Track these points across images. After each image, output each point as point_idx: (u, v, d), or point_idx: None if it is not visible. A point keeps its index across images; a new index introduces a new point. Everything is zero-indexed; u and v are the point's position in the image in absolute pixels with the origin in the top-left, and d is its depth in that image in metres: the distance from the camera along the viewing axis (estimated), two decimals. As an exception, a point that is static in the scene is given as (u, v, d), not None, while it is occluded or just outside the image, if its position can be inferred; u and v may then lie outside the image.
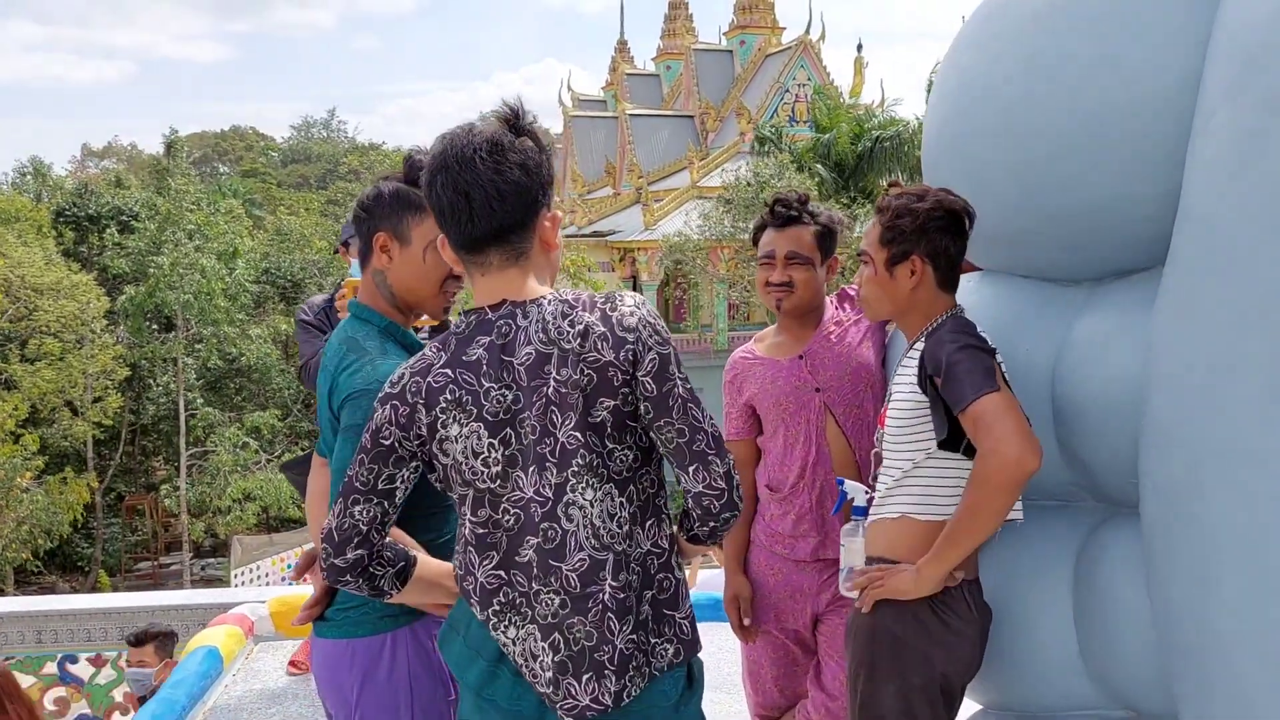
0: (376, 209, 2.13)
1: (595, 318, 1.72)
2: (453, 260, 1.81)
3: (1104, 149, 1.99)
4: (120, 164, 51.83)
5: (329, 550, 1.78)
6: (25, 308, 22.20)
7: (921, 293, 2.16)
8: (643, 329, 1.72)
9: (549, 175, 1.78)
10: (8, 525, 18.84)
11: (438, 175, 1.73)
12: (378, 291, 2.16)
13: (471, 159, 1.70)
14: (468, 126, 1.75)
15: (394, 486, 1.79)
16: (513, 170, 1.71)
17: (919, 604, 2.09)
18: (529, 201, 1.74)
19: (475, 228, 1.72)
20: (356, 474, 1.78)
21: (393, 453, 1.77)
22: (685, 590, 1.83)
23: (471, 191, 1.70)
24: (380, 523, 1.79)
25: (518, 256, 1.76)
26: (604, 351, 1.69)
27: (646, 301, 1.79)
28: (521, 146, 1.74)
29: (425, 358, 1.78)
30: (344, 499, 1.78)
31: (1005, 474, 1.93)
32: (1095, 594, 2.13)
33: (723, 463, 1.74)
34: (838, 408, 2.67)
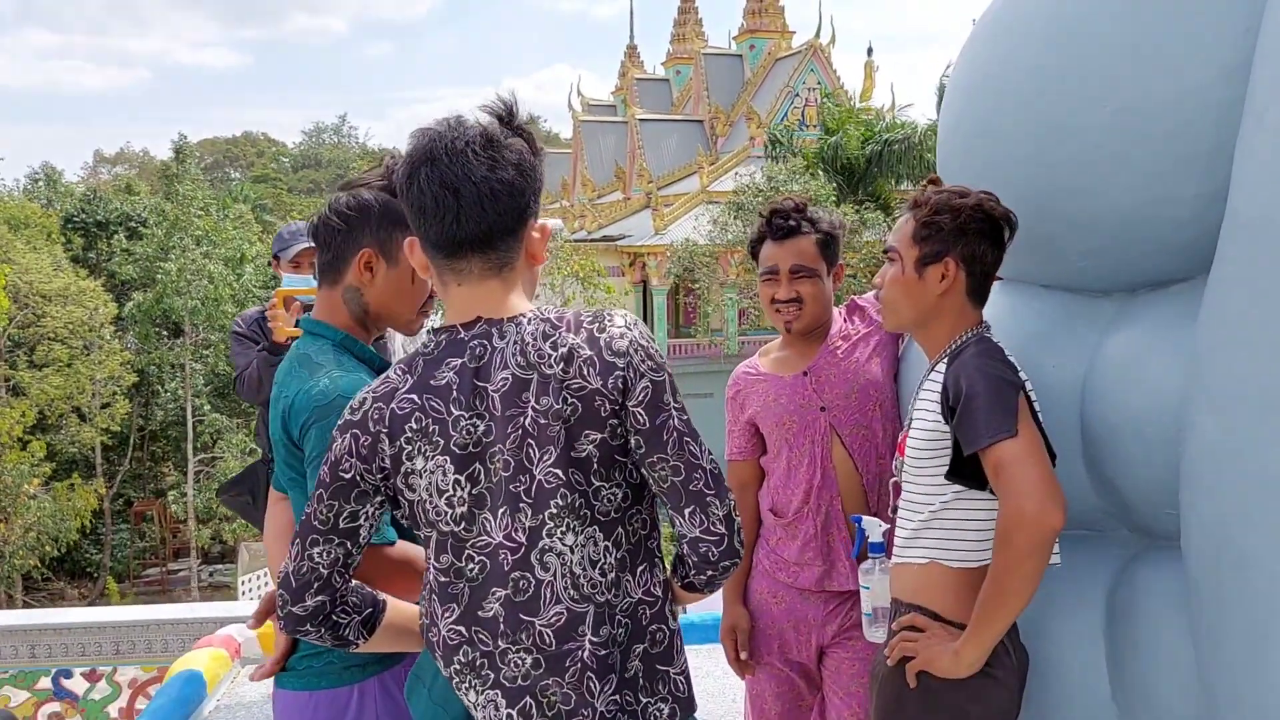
0: (363, 222, 1.93)
1: (581, 339, 1.53)
2: (422, 266, 1.62)
3: (1137, 147, 1.80)
4: (132, 170, 52.01)
5: (285, 597, 1.60)
6: (33, 314, 22.23)
7: (950, 300, 1.97)
8: (634, 353, 1.53)
9: (540, 180, 1.59)
10: (15, 532, 18.81)
11: (422, 168, 1.54)
12: (342, 308, 1.97)
13: (464, 152, 1.52)
14: (456, 118, 1.57)
15: (357, 524, 1.60)
16: (507, 169, 1.53)
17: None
18: (520, 205, 1.56)
19: (461, 229, 1.53)
20: (315, 511, 1.59)
21: (354, 487, 1.58)
22: (680, 642, 1.65)
23: (461, 187, 1.51)
24: (343, 565, 1.60)
25: (501, 267, 1.58)
26: (590, 378, 1.51)
27: (639, 321, 1.60)
28: (516, 145, 1.56)
29: (389, 380, 1.59)
30: (301, 540, 1.60)
31: (1026, 535, 1.74)
32: (1130, 636, 1.94)
33: (723, 505, 1.56)
34: (844, 428, 2.49)
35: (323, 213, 1.99)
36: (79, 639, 6.03)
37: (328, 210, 1.98)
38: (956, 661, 1.86)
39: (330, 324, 1.98)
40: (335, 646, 1.65)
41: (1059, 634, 2.06)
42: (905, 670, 1.93)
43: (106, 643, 6.04)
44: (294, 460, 1.86)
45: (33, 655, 5.99)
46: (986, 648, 1.85)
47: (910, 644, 1.93)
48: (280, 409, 1.90)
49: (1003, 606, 1.81)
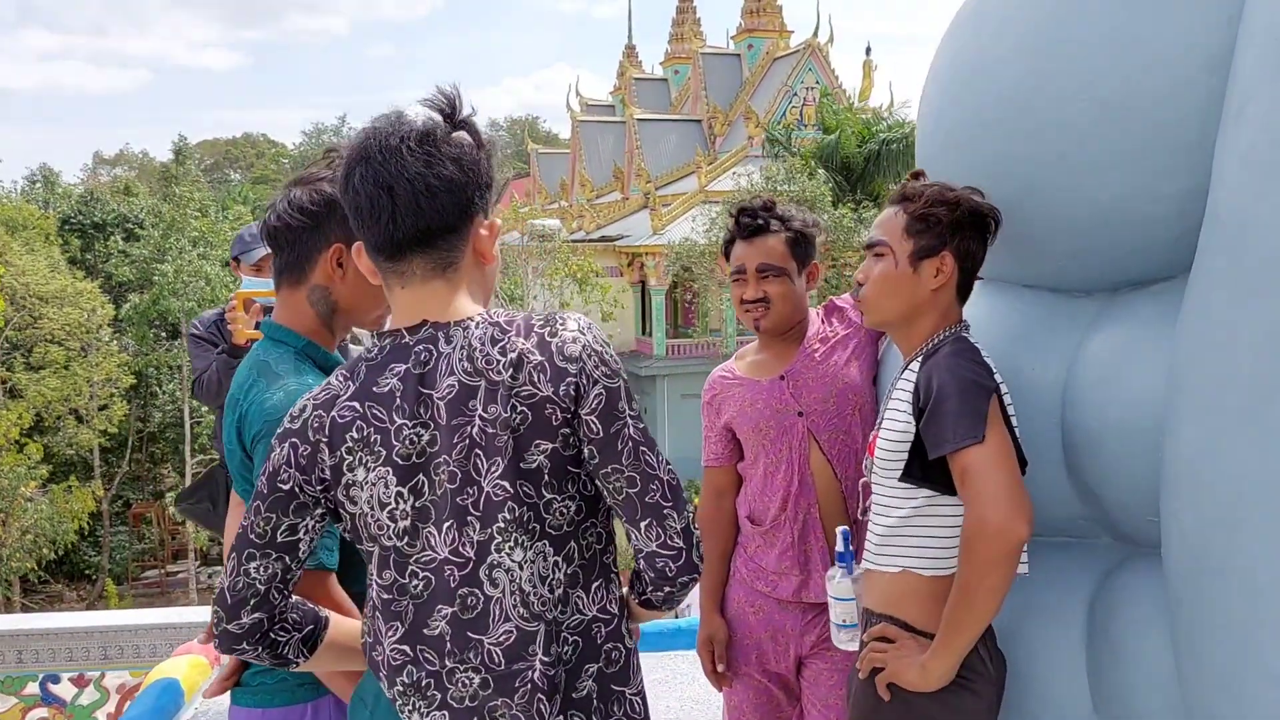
0: (328, 217, 1.86)
1: (531, 344, 1.46)
2: (370, 270, 1.55)
3: (1117, 141, 1.73)
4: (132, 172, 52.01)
5: (220, 614, 1.52)
6: (30, 315, 22.19)
7: (942, 297, 1.91)
8: (587, 359, 1.47)
9: (488, 176, 1.53)
10: (12, 535, 18.77)
11: (357, 167, 1.48)
12: (308, 308, 1.90)
13: (398, 149, 1.45)
14: (396, 115, 1.50)
15: (296, 538, 1.52)
16: (445, 164, 1.46)
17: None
18: (462, 201, 1.49)
19: (398, 228, 1.47)
20: (252, 524, 1.52)
21: (293, 499, 1.51)
22: (637, 661, 1.59)
23: (395, 185, 1.45)
24: (282, 580, 1.53)
25: (445, 266, 1.51)
26: (540, 385, 1.44)
27: (594, 325, 1.53)
28: (457, 140, 1.50)
29: (330, 387, 1.52)
30: (238, 554, 1.52)
31: (990, 545, 1.68)
32: (1111, 646, 1.87)
33: (680, 517, 1.50)
34: (822, 433, 2.42)
35: (280, 211, 1.90)
36: (66, 644, 5.97)
37: (286, 208, 1.90)
38: (924, 674, 1.80)
39: (292, 329, 1.91)
40: (274, 665, 1.59)
41: (1039, 643, 1.99)
42: (875, 681, 1.87)
43: (94, 647, 5.99)
44: (246, 471, 1.80)
45: (20, 660, 5.94)
46: (955, 660, 1.79)
47: (880, 655, 1.87)
48: (235, 416, 1.84)
49: (969, 618, 1.75)
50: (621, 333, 27.53)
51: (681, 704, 4.42)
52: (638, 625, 1.71)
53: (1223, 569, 1.50)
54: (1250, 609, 1.45)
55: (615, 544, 1.59)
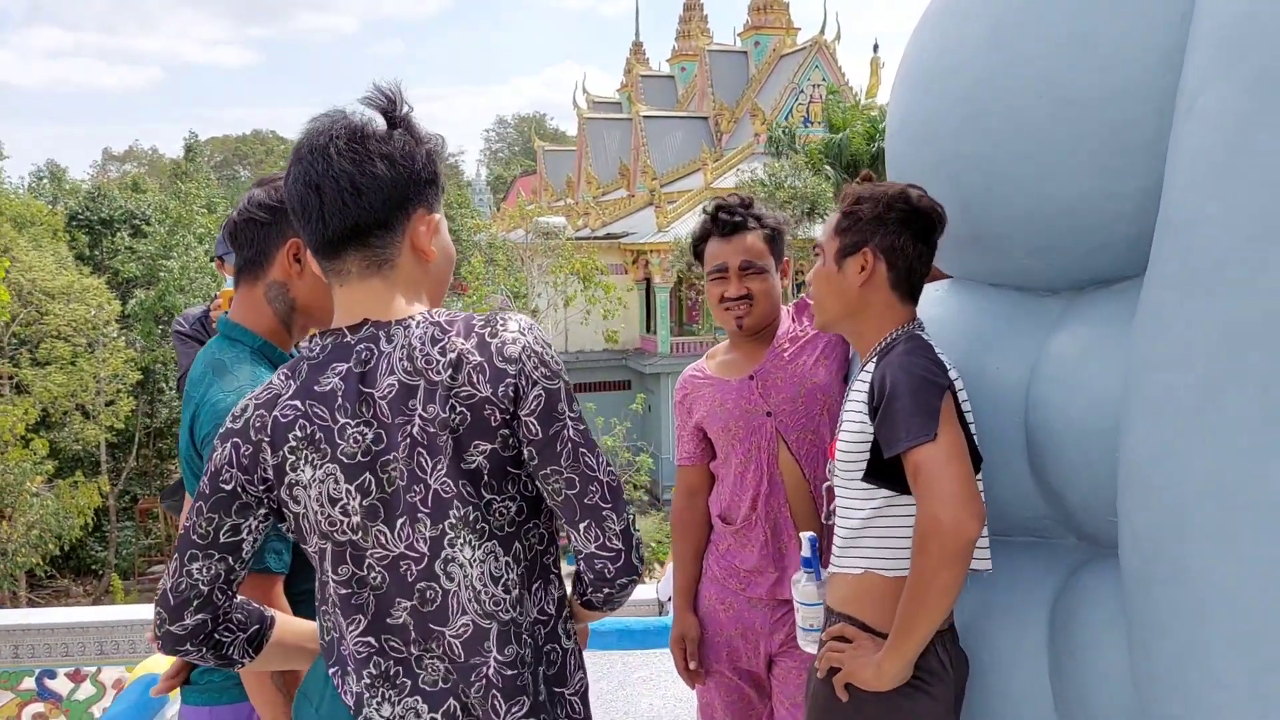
0: (285, 213, 1.85)
1: (471, 345, 1.46)
2: (318, 271, 1.55)
3: (1077, 140, 1.72)
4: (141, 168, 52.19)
5: (163, 615, 1.51)
6: (37, 311, 22.25)
7: (872, 293, 1.91)
8: (526, 359, 1.46)
9: (426, 171, 1.52)
10: (18, 530, 18.83)
11: (292, 167, 1.50)
12: (265, 306, 1.90)
13: (325, 148, 1.46)
14: (335, 114, 1.51)
15: (239, 539, 1.52)
16: (374, 162, 1.46)
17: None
18: (394, 198, 1.48)
19: (327, 226, 1.47)
20: (194, 525, 1.51)
21: (235, 499, 1.50)
22: (576, 661, 1.58)
23: (322, 184, 1.46)
24: (225, 581, 1.52)
25: (380, 264, 1.50)
26: (479, 386, 1.43)
27: (536, 325, 1.52)
28: (392, 137, 1.49)
29: (271, 387, 1.52)
30: (180, 555, 1.51)
31: (940, 544, 1.67)
32: (1071, 647, 1.86)
33: (619, 519, 1.49)
34: (790, 433, 2.41)
35: (240, 208, 1.93)
36: (62, 639, 6.00)
37: (246, 205, 1.92)
38: (879, 674, 1.79)
39: (248, 328, 1.91)
40: (219, 666, 1.58)
41: (1002, 643, 1.98)
42: (833, 681, 1.86)
43: (90, 643, 6.01)
44: (196, 469, 1.80)
45: (15, 655, 5.97)
46: (908, 659, 1.78)
47: (836, 655, 1.86)
48: (188, 415, 1.84)
49: (920, 617, 1.74)
50: (626, 330, 27.53)
51: (665, 702, 4.42)
52: (585, 626, 1.71)
53: (1172, 570, 1.49)
54: (1197, 611, 1.44)
55: (557, 544, 1.59)
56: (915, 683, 1.81)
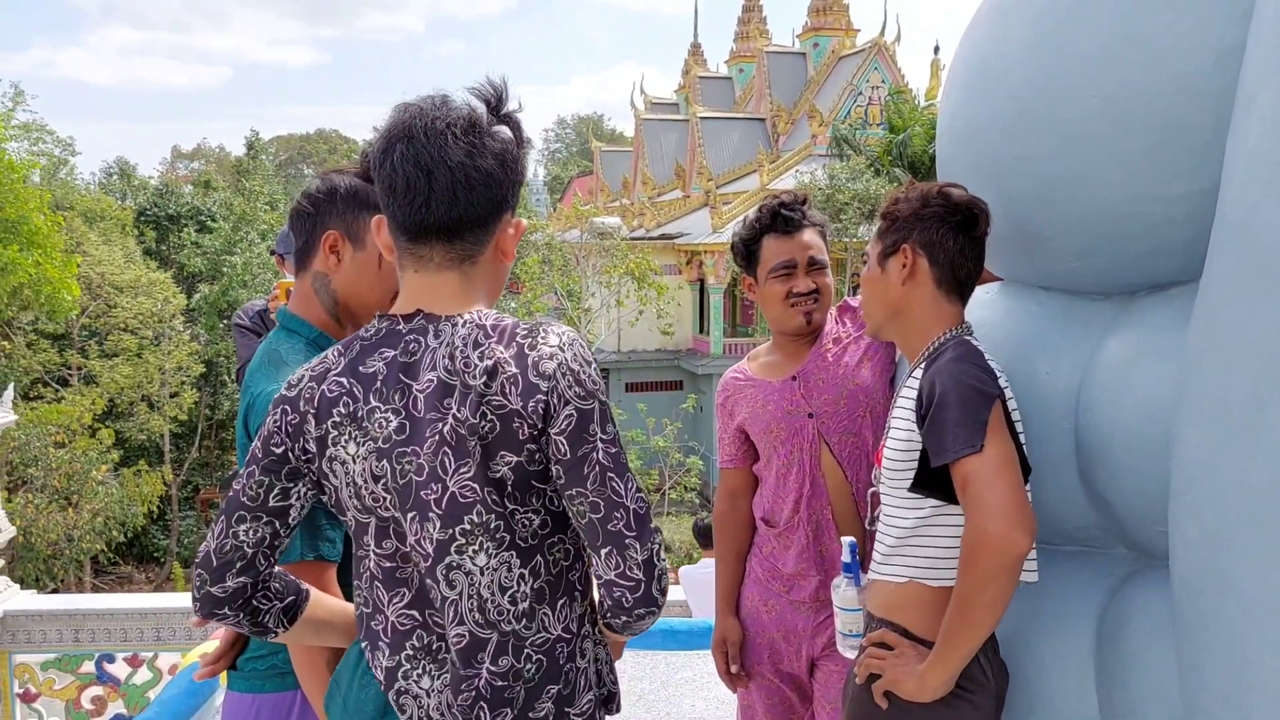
0: (328, 205, 1.90)
1: (509, 354, 1.43)
2: (387, 246, 1.54)
3: (1126, 140, 1.67)
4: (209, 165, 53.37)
5: (204, 576, 1.52)
6: (105, 304, 22.89)
7: (916, 292, 1.88)
8: (561, 377, 1.43)
9: (522, 173, 1.52)
10: (83, 517, 19.36)
11: (398, 144, 1.45)
12: (314, 297, 1.93)
13: (443, 133, 1.44)
14: (441, 98, 1.49)
15: (287, 504, 1.53)
16: (487, 157, 1.45)
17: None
18: (496, 198, 1.48)
19: (429, 213, 1.45)
20: (244, 487, 1.52)
21: (285, 463, 1.52)
22: (586, 681, 1.56)
23: (435, 170, 1.43)
24: (269, 546, 1.53)
25: (463, 259, 1.50)
26: (511, 397, 1.42)
27: (578, 340, 1.50)
28: (500, 134, 1.48)
29: (325, 360, 1.53)
30: (227, 516, 1.52)
31: (989, 558, 1.64)
32: (1121, 658, 1.82)
33: (643, 548, 1.45)
34: (833, 435, 2.39)
35: (296, 201, 1.96)
36: (121, 624, 6.13)
37: (300, 196, 1.95)
38: (921, 684, 1.76)
39: (305, 319, 1.93)
40: (253, 634, 1.59)
41: (1048, 653, 1.94)
42: (872, 688, 1.84)
43: (148, 629, 6.14)
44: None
45: (77, 639, 6.12)
46: (953, 672, 1.75)
47: (878, 661, 1.83)
48: (244, 404, 1.87)
49: (967, 630, 1.70)
50: (679, 330, 27.50)
51: (707, 704, 4.40)
52: (621, 642, 1.68)
53: (1223, 582, 1.44)
54: (1249, 624, 1.40)
55: (584, 561, 1.57)
56: (958, 691, 1.78)
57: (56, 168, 28.40)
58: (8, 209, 17.97)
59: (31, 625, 6.02)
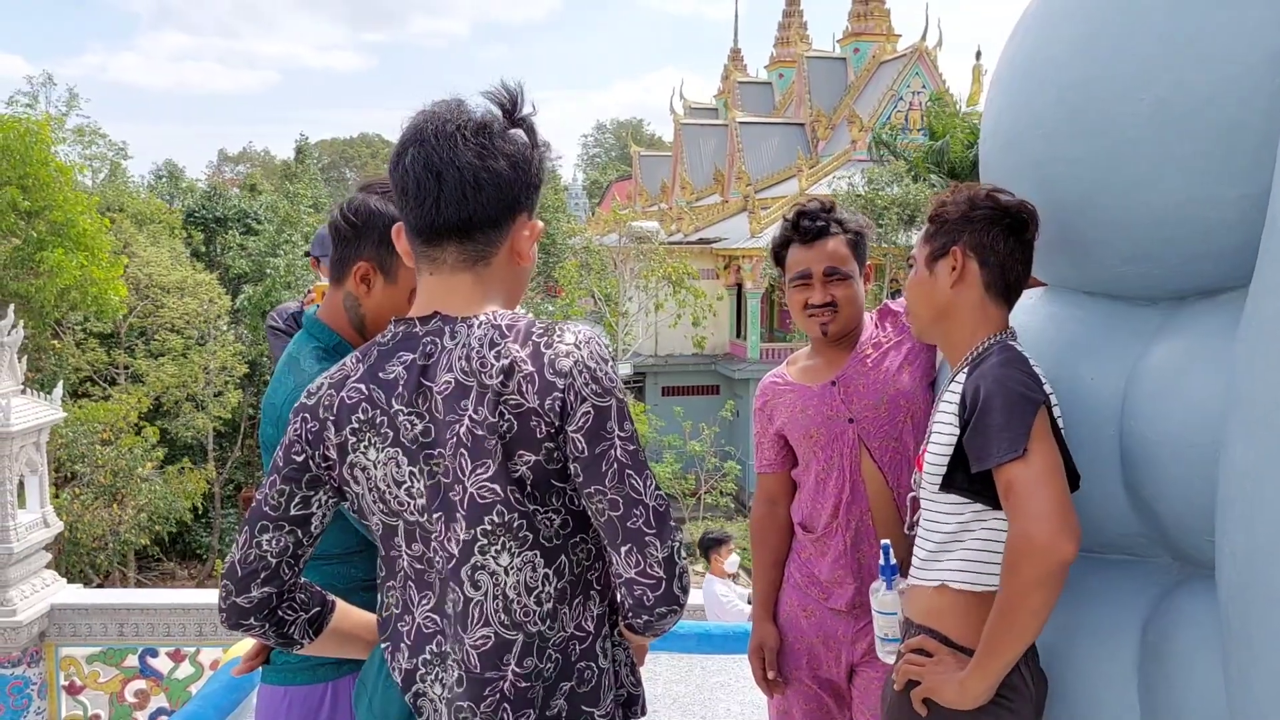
0: (366, 232, 1.91)
1: (525, 353, 1.44)
2: (406, 252, 1.56)
3: (1179, 143, 1.65)
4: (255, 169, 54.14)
5: (229, 587, 1.53)
6: (153, 304, 23.29)
7: (965, 294, 1.87)
8: (577, 374, 1.43)
9: (537, 176, 1.53)
10: (128, 513, 19.70)
11: (410, 147, 1.48)
12: (342, 313, 1.96)
13: (453, 135, 1.46)
14: (456, 102, 1.51)
15: (309, 512, 1.54)
16: (497, 159, 1.47)
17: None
18: (508, 198, 1.49)
19: (440, 214, 1.47)
20: (266, 497, 1.54)
21: (306, 471, 1.53)
22: (609, 682, 1.55)
23: (445, 171, 1.45)
24: (293, 555, 1.54)
25: (476, 260, 1.51)
26: (528, 396, 1.42)
27: (596, 338, 1.50)
28: (513, 137, 1.49)
29: (344, 368, 1.55)
30: (250, 526, 1.54)
31: (1034, 565, 1.62)
32: (1165, 669, 1.79)
33: (663, 546, 1.45)
34: (873, 440, 2.37)
35: (338, 212, 1.97)
36: (165, 619, 6.22)
37: (342, 211, 1.96)
38: (962, 692, 1.75)
39: (329, 326, 1.96)
40: (279, 645, 1.60)
41: (1090, 663, 1.92)
42: (911, 695, 1.82)
43: (190, 624, 6.22)
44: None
45: (121, 633, 6.22)
46: (994, 679, 1.73)
47: (917, 668, 1.82)
48: (273, 414, 1.89)
49: (1010, 638, 1.69)
50: (716, 335, 27.46)
51: (743, 707, 4.39)
52: (643, 645, 1.68)
53: (1272, 594, 1.42)
54: (1298, 638, 1.37)
55: (604, 561, 1.56)
56: (998, 699, 1.76)
57: (111, 171, 28.96)
58: (56, 212, 18.37)
59: (77, 619, 6.12)
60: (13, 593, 5.86)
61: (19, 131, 18.21)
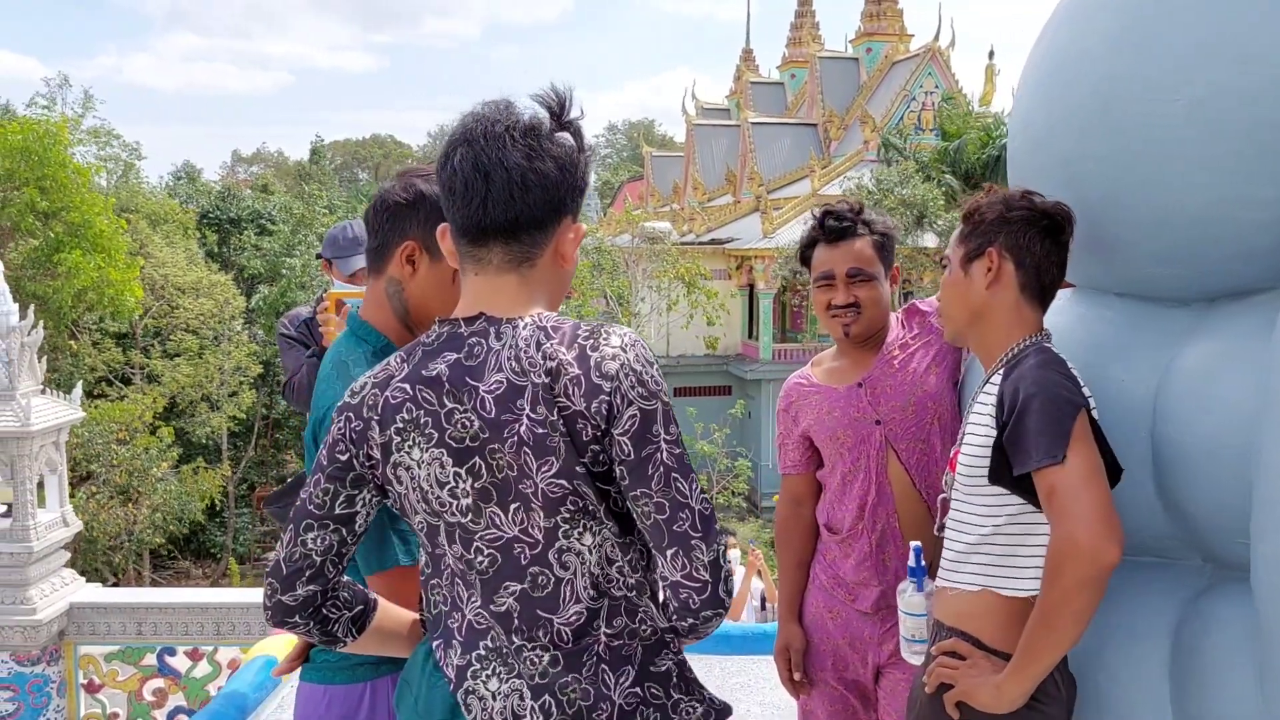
0: (411, 213, 1.89)
1: (571, 356, 1.44)
2: (450, 252, 1.56)
3: (1214, 143, 1.64)
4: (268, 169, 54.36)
5: (274, 585, 1.55)
6: (168, 305, 23.42)
7: (1000, 295, 1.86)
8: (624, 377, 1.43)
9: (583, 180, 1.53)
10: (143, 512, 19.82)
11: (459, 147, 1.49)
12: (386, 303, 1.93)
13: (502, 136, 1.46)
14: (505, 103, 1.51)
15: (353, 511, 1.55)
16: (545, 160, 1.47)
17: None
18: (554, 200, 1.49)
19: (487, 215, 1.47)
20: (311, 495, 1.55)
21: (350, 470, 1.54)
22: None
23: (493, 172, 1.45)
24: (337, 554, 1.55)
25: (522, 261, 1.51)
26: (574, 398, 1.43)
27: (640, 342, 1.50)
28: (561, 140, 1.50)
29: (388, 367, 1.55)
30: (295, 525, 1.55)
31: (1077, 568, 1.61)
32: (1197, 673, 1.78)
33: (709, 549, 1.45)
34: (900, 442, 2.37)
35: (376, 198, 1.96)
36: (183, 618, 6.24)
37: (380, 198, 1.95)
38: (998, 696, 1.74)
39: (374, 327, 1.94)
40: (323, 643, 1.61)
41: (1121, 666, 1.90)
42: (944, 698, 1.82)
43: (208, 623, 6.24)
44: None
45: (139, 632, 6.24)
46: (1031, 684, 1.73)
47: (950, 671, 1.82)
48: (315, 417, 1.88)
49: (1049, 642, 1.68)
50: (728, 336, 27.44)
51: (763, 709, 4.38)
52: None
53: (1310, 597, 1.41)
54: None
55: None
56: (1031, 703, 1.75)
57: (126, 172, 29.11)
58: (73, 213, 18.49)
59: (96, 618, 6.15)
60: (33, 591, 5.90)
61: (38, 134, 18.35)
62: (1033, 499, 1.76)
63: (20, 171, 18.17)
